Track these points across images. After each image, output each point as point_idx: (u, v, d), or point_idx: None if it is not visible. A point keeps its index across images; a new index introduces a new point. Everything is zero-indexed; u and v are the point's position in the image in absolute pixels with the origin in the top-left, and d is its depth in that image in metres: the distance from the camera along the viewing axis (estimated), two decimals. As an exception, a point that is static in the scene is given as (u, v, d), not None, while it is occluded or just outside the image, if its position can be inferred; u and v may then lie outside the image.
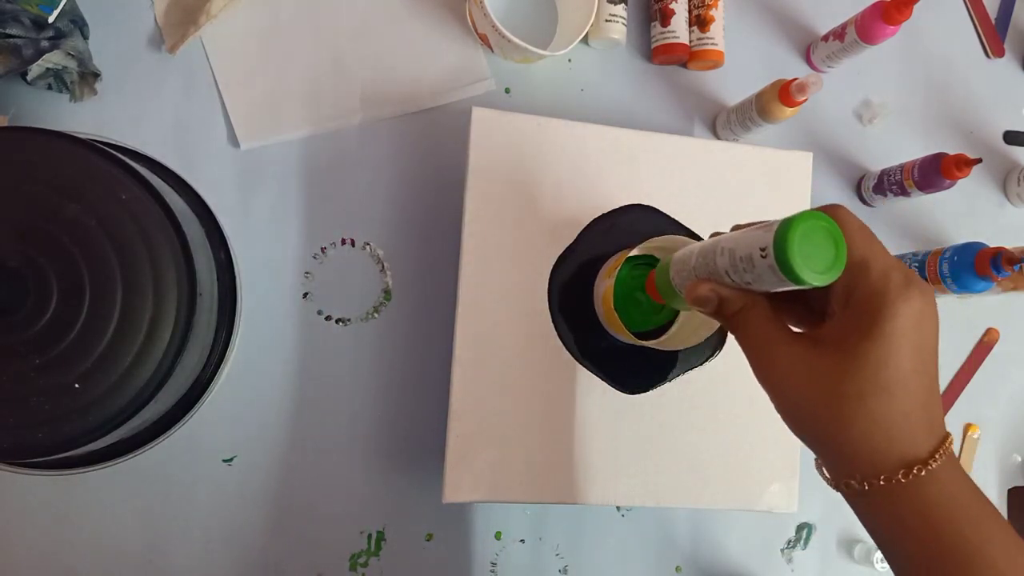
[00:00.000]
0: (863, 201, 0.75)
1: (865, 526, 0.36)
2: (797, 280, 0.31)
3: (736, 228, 0.38)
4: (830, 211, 0.33)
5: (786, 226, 0.31)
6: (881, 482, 0.32)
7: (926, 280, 0.65)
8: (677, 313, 0.58)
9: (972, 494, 0.33)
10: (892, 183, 0.70)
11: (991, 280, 0.65)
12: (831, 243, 0.32)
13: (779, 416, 0.36)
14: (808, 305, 0.38)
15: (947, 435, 0.33)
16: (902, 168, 0.69)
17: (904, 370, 0.32)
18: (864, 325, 0.32)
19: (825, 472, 0.36)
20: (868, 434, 0.32)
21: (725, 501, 0.60)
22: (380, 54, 0.65)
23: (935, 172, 0.65)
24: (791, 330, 0.36)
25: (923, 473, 0.32)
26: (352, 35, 0.64)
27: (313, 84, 0.63)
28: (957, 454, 0.74)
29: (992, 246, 0.66)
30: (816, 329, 0.35)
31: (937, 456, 0.32)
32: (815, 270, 0.31)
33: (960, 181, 0.66)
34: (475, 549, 0.62)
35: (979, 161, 0.64)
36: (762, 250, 0.32)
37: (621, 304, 0.54)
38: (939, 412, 0.34)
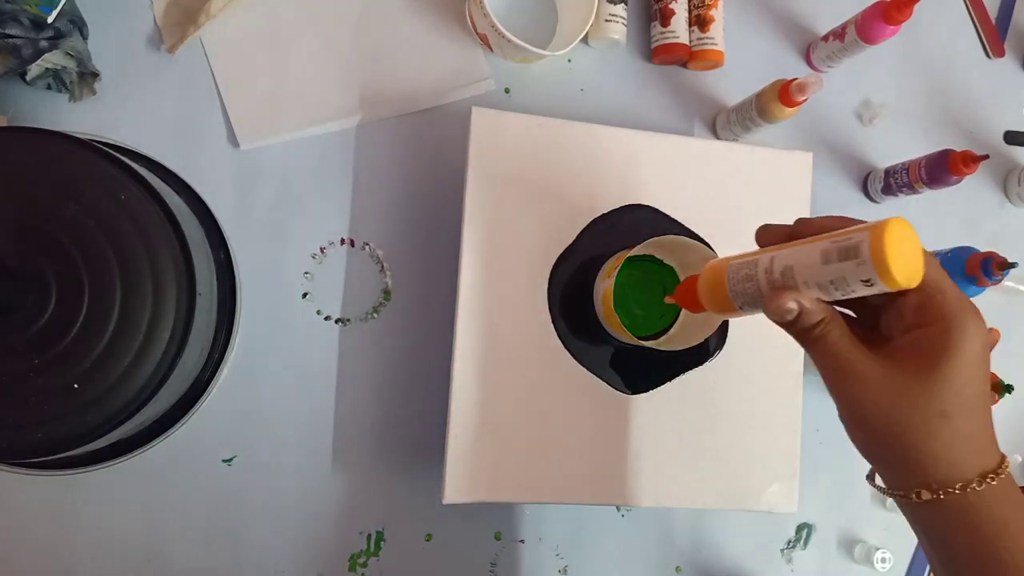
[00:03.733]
0: (870, 198, 0.75)
1: (928, 537, 0.36)
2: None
3: (802, 221, 0.38)
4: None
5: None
6: (956, 490, 0.34)
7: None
8: (677, 314, 0.58)
9: None
10: (901, 184, 0.70)
11: (981, 285, 0.65)
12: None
13: (845, 429, 0.37)
14: (870, 325, 0.38)
15: (1003, 455, 0.35)
16: (908, 168, 0.69)
17: (979, 390, 0.34)
18: (946, 346, 0.33)
19: (880, 483, 0.37)
20: (952, 450, 0.34)
21: (725, 501, 0.60)
22: (380, 54, 0.64)
23: (943, 169, 0.66)
24: (865, 347, 0.36)
25: (995, 482, 0.34)
26: (352, 35, 0.64)
27: (313, 84, 0.63)
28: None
29: (983, 251, 0.66)
30: (884, 347, 0.36)
31: (1001, 469, 0.34)
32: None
33: (962, 180, 0.66)
34: (475, 549, 0.62)
35: (986, 157, 0.64)
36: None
37: (621, 304, 0.54)
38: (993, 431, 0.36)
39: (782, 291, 0.35)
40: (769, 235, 0.39)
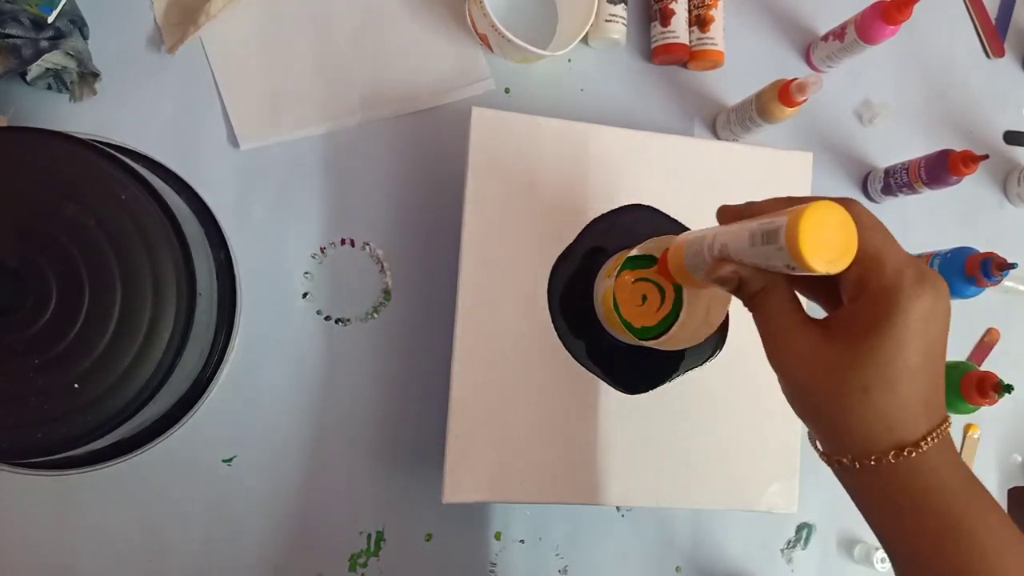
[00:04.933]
0: (869, 198, 0.75)
1: (855, 501, 0.38)
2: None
3: (749, 204, 0.39)
4: (844, 204, 0.34)
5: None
6: (872, 462, 0.34)
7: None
8: (677, 314, 0.58)
9: (961, 475, 0.34)
10: (901, 184, 0.70)
11: (980, 285, 0.65)
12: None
13: (783, 395, 0.38)
14: (833, 289, 0.38)
15: (944, 419, 0.34)
16: (908, 168, 0.69)
17: (910, 366, 0.33)
18: (874, 319, 0.33)
19: (818, 446, 0.38)
20: (866, 421, 0.34)
21: (725, 501, 0.60)
22: (380, 54, 0.64)
23: (942, 169, 0.66)
24: (807, 315, 0.37)
25: (913, 455, 0.33)
26: (352, 35, 0.64)
27: (313, 84, 0.63)
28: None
29: (982, 251, 0.66)
30: (830, 316, 0.37)
31: (929, 439, 0.33)
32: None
33: (961, 181, 0.66)
34: (475, 549, 0.62)
35: (986, 157, 0.64)
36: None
37: (621, 304, 0.54)
38: (940, 398, 0.35)
39: (723, 260, 0.37)
40: (725, 215, 0.40)
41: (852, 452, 0.35)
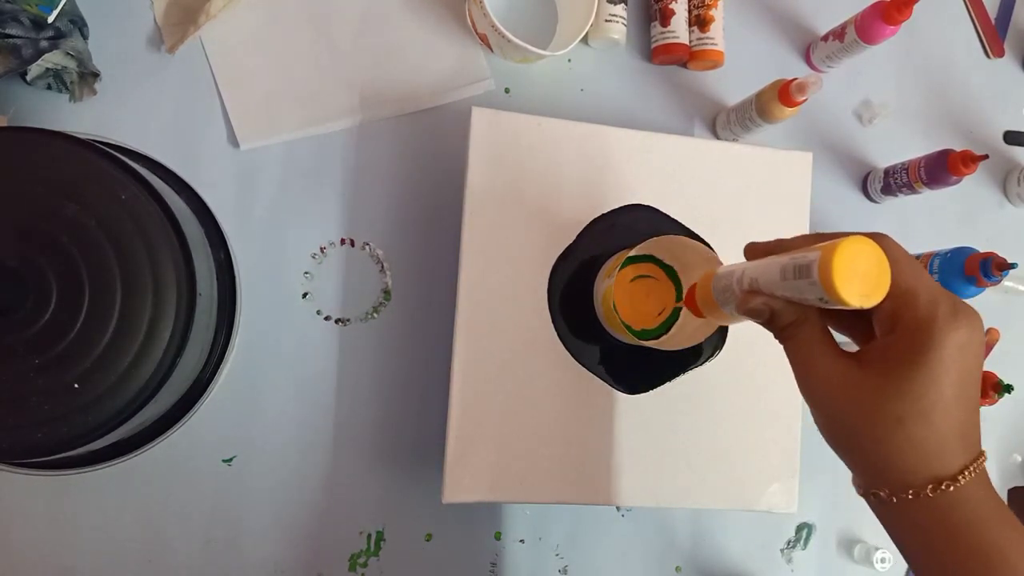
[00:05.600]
0: (869, 198, 0.75)
1: (889, 533, 0.37)
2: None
3: (779, 241, 0.39)
4: (876, 239, 0.34)
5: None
6: (909, 496, 0.34)
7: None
8: (678, 314, 0.58)
9: (998, 509, 0.34)
10: (901, 184, 0.70)
11: (980, 285, 0.64)
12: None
13: (817, 428, 0.37)
14: (866, 323, 0.38)
15: (980, 453, 0.35)
16: (907, 168, 0.69)
17: (945, 398, 0.33)
18: (909, 352, 0.33)
19: (855, 482, 0.38)
20: (902, 454, 0.34)
21: (725, 501, 0.60)
22: (380, 54, 0.64)
23: (942, 169, 0.66)
24: (839, 348, 0.37)
25: (951, 489, 0.33)
26: (352, 35, 0.64)
27: (313, 84, 0.63)
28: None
29: (982, 251, 0.66)
30: (863, 348, 0.37)
31: (966, 473, 0.33)
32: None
33: (961, 180, 0.66)
34: (475, 549, 0.62)
35: (985, 157, 0.64)
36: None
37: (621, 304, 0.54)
38: (975, 432, 0.35)
39: (754, 292, 0.37)
40: (754, 251, 0.40)
41: (889, 485, 0.35)
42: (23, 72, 0.55)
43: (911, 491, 0.34)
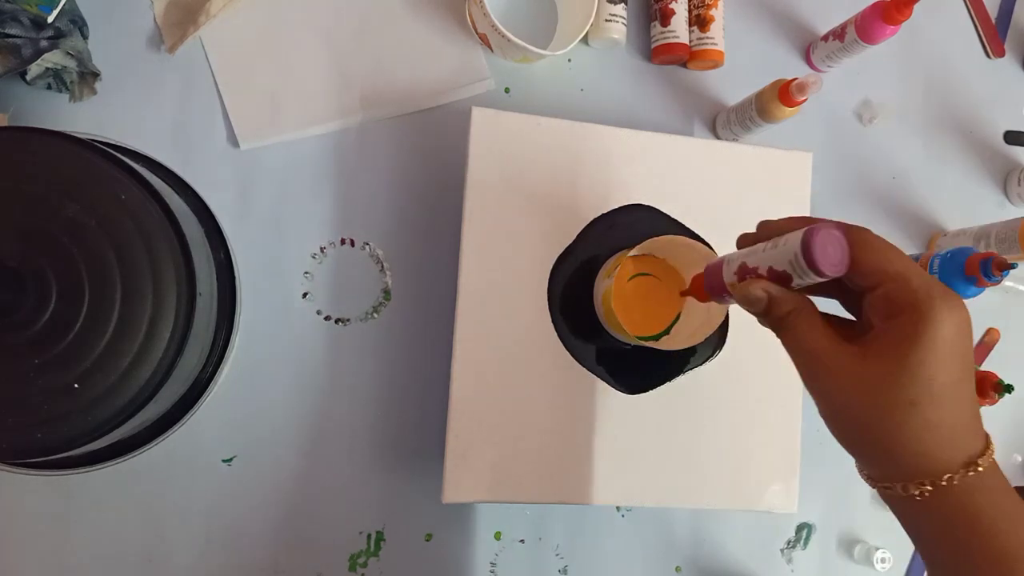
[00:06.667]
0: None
1: (907, 528, 0.36)
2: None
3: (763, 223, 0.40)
4: (857, 230, 0.35)
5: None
6: (930, 487, 0.33)
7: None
8: (678, 314, 0.58)
9: (1012, 497, 0.34)
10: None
11: (980, 285, 0.64)
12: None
13: (824, 422, 0.37)
14: (855, 315, 0.38)
15: (988, 439, 0.34)
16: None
17: (954, 378, 0.33)
18: (912, 334, 0.33)
19: (867, 475, 0.37)
20: (921, 440, 0.33)
21: (725, 501, 0.60)
22: (380, 54, 0.64)
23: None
24: (839, 336, 0.36)
25: (972, 474, 0.33)
26: (352, 35, 0.64)
27: (313, 84, 0.63)
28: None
29: (983, 251, 0.66)
30: (861, 338, 0.36)
31: (985, 458, 0.33)
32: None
33: (961, 181, 0.66)
34: (475, 549, 0.62)
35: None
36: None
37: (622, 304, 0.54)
38: (980, 417, 0.35)
39: (755, 279, 0.37)
40: (743, 242, 0.41)
41: (907, 473, 0.34)
42: (23, 72, 0.55)
43: (934, 479, 0.33)
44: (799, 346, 0.36)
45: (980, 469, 0.33)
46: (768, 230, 0.38)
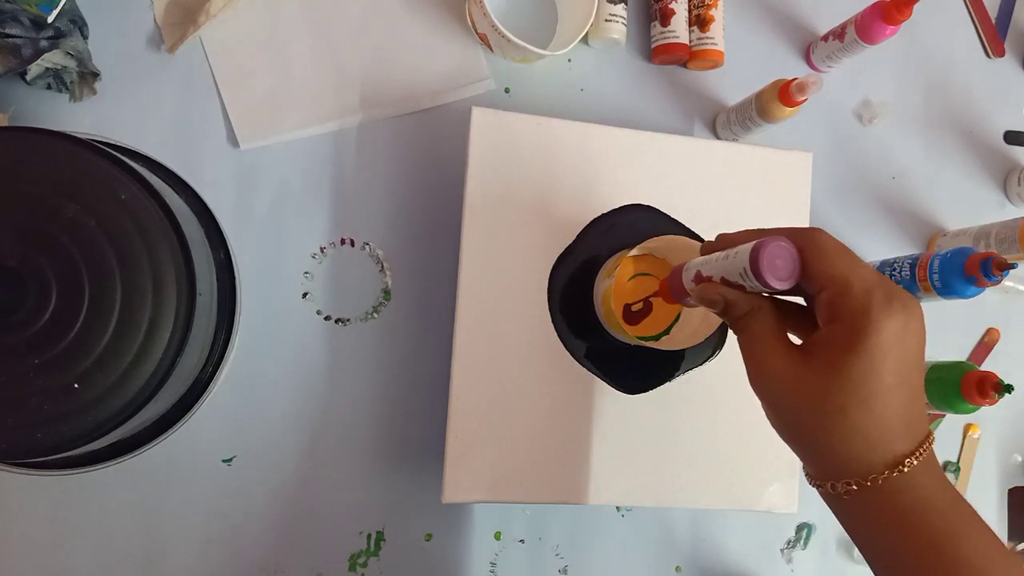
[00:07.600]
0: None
1: (844, 526, 0.38)
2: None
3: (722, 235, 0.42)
4: (807, 233, 0.36)
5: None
6: (855, 487, 0.35)
7: (916, 282, 0.65)
8: (678, 314, 0.58)
9: (945, 492, 0.35)
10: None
11: (980, 285, 0.64)
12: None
13: (769, 422, 0.38)
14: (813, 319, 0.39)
15: (926, 436, 0.35)
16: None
17: (885, 383, 0.34)
18: (847, 341, 0.34)
19: (806, 473, 0.39)
20: (848, 443, 0.34)
21: (725, 501, 0.60)
22: (380, 54, 0.64)
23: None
24: (789, 340, 0.37)
25: (895, 475, 0.34)
26: (352, 35, 0.64)
27: (313, 84, 0.63)
28: (957, 454, 0.74)
29: (983, 251, 0.66)
30: (809, 338, 0.37)
31: (913, 459, 0.34)
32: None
33: (961, 180, 0.66)
34: (474, 549, 0.62)
35: None
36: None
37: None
38: (920, 417, 0.35)
39: (712, 283, 0.39)
40: (705, 251, 0.42)
41: (836, 473, 0.35)
42: (23, 72, 0.55)
43: (859, 479, 0.34)
44: (749, 348, 0.38)
45: (905, 470, 0.34)
46: (724, 243, 0.40)
